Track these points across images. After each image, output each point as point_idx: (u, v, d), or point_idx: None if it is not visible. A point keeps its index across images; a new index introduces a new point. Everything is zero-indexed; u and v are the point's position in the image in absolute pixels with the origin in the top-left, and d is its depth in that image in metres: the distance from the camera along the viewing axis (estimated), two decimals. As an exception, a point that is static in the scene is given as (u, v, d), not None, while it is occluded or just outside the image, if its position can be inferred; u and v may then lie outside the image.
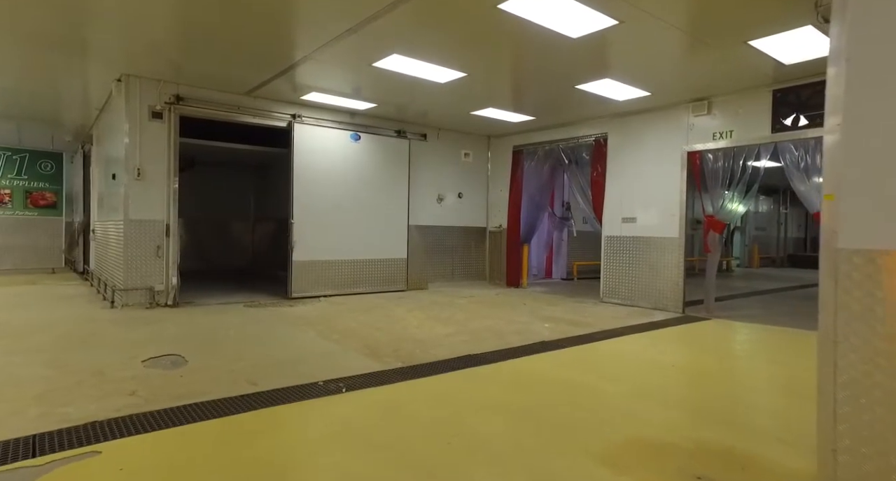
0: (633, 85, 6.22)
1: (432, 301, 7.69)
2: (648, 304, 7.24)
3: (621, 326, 5.90)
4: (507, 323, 5.98)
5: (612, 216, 7.82)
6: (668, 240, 7.05)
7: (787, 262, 18.16)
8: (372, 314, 6.44)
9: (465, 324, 5.82)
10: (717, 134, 6.58)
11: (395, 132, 8.79)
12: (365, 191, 8.41)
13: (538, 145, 9.17)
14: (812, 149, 5.80)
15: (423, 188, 9.25)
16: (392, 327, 5.61)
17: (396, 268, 8.82)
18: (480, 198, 10.20)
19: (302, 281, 7.71)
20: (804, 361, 4.42)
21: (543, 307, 7.30)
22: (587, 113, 7.84)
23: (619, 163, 7.73)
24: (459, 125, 9.20)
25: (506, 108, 7.77)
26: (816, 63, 5.43)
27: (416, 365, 4.05)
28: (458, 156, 9.83)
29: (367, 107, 7.78)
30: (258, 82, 6.52)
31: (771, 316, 6.87)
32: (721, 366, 4.22)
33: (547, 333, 5.44)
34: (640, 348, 4.83)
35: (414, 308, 6.97)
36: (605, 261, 7.88)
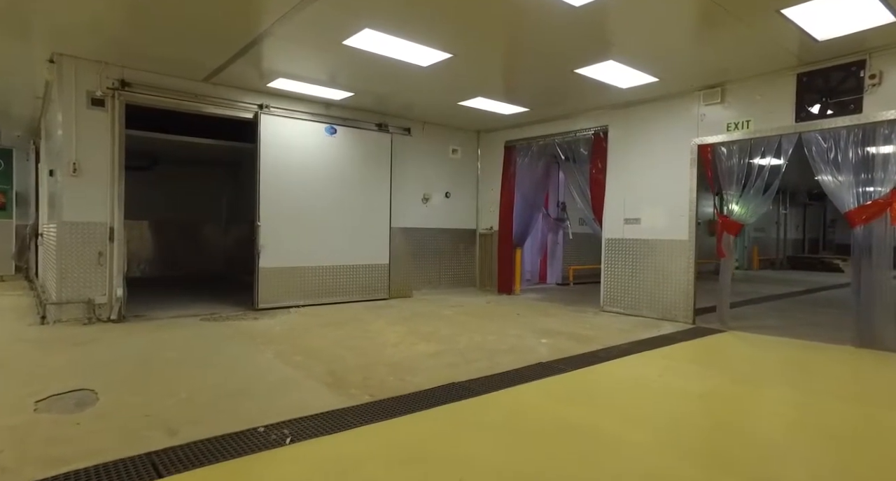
0: (639, 68, 5.51)
1: (416, 311, 6.93)
2: (655, 314, 6.53)
3: (628, 341, 5.18)
4: (498, 338, 5.24)
5: (613, 217, 7.12)
6: (676, 243, 6.35)
7: (787, 264, 17.61)
8: (346, 328, 5.67)
9: (450, 341, 5.07)
10: (731, 124, 5.89)
11: (375, 125, 8.04)
12: (342, 190, 7.64)
13: (532, 140, 8.45)
14: (844, 140, 5.14)
15: (408, 187, 8.50)
16: (366, 346, 4.85)
17: (377, 274, 8.05)
18: (470, 198, 9.46)
19: (270, 290, 6.92)
20: (854, 388, 3.71)
21: (539, 318, 6.56)
22: (586, 103, 7.13)
23: (622, 158, 7.03)
24: (447, 118, 8.46)
25: (497, 98, 7.04)
26: (852, 39, 4.76)
27: (387, 400, 3.29)
28: (445, 152, 9.09)
29: (344, 96, 7.01)
30: (216, 65, 5.73)
31: (790, 326, 6.20)
32: (759, 398, 3.50)
33: (545, 351, 4.71)
34: (654, 372, 4.11)
35: (394, 320, 6.21)
36: (605, 267, 7.17)
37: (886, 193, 4.97)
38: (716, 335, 5.59)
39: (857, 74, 5.11)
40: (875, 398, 3.53)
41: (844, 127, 5.18)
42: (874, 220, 5.06)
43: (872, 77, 5.01)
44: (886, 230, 5.01)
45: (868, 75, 5.03)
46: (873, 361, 4.57)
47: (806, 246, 20.75)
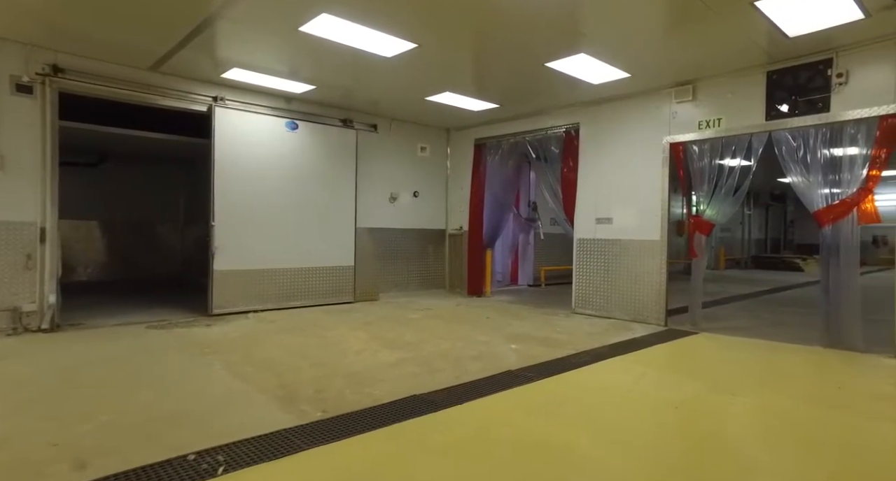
0: (612, 63, 5.35)
1: (381, 315, 6.62)
2: (627, 316, 6.40)
3: (600, 345, 5.00)
4: (466, 344, 4.98)
5: (584, 216, 6.96)
6: (648, 243, 6.23)
7: (751, 264, 17.98)
8: (305, 335, 5.32)
9: (415, 348, 4.78)
10: (703, 123, 5.80)
11: (340, 121, 7.68)
12: (305, 188, 7.26)
13: (502, 138, 8.25)
14: (813, 140, 5.09)
15: (374, 185, 8.17)
16: (325, 354, 4.51)
17: (342, 276, 7.69)
18: (439, 198, 9.19)
19: (226, 294, 6.49)
20: (834, 394, 3.60)
21: (509, 321, 6.34)
22: (557, 100, 6.96)
23: (593, 157, 6.88)
24: (415, 115, 8.17)
25: (466, 93, 6.79)
26: (820, 37, 4.70)
27: (342, 417, 2.99)
28: (413, 150, 8.80)
29: (306, 90, 6.64)
30: (163, 52, 5.30)
31: (759, 327, 6.15)
32: (738, 407, 3.33)
33: (514, 358, 4.47)
34: (629, 379, 3.91)
35: (358, 325, 5.89)
36: (577, 268, 7.01)
37: (853, 193, 4.94)
38: (688, 337, 5.47)
39: (825, 73, 5.06)
40: (856, 405, 3.42)
41: (813, 126, 5.13)
42: (841, 220, 5.02)
43: (839, 76, 4.97)
44: (853, 230, 4.97)
45: (835, 73, 4.99)
46: (844, 363, 4.50)
47: (768, 245, 21.29)
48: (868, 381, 3.95)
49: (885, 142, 4.80)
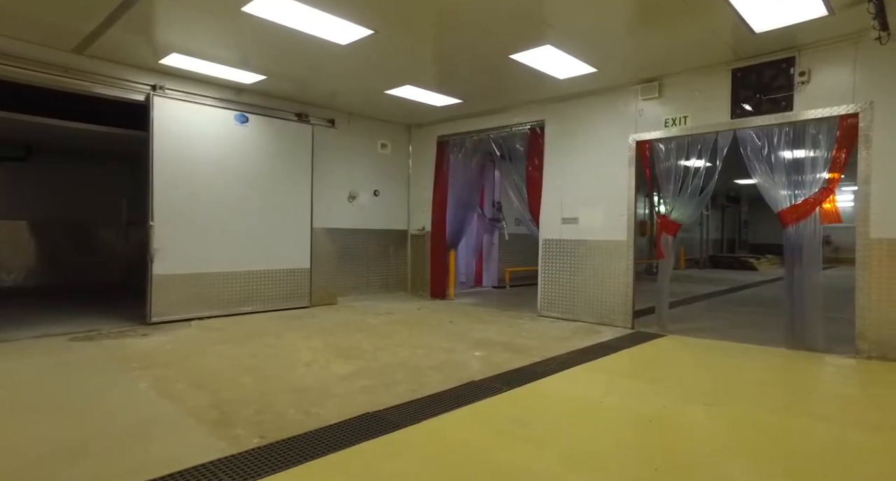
0: (578, 56, 5.15)
1: (338, 321, 6.23)
2: (593, 318, 6.23)
3: (567, 351, 4.78)
4: (427, 352, 4.67)
5: (550, 216, 6.77)
6: (614, 243, 6.08)
7: (709, 263, 18.39)
8: (251, 344, 4.89)
9: (372, 358, 4.44)
10: (669, 120, 5.68)
11: (295, 115, 7.24)
12: (256, 186, 6.79)
13: (466, 135, 7.98)
14: (777, 139, 5.04)
15: (332, 184, 7.76)
16: (272, 366, 4.11)
17: (297, 279, 7.25)
18: (400, 197, 8.85)
19: (167, 300, 5.96)
20: (811, 401, 3.47)
21: (473, 325, 6.07)
22: (522, 96, 6.74)
23: (558, 155, 6.69)
24: (374, 110, 7.81)
25: (428, 87, 6.48)
26: (784, 34, 4.64)
27: (283, 442, 2.63)
28: (373, 147, 8.43)
29: (256, 80, 6.19)
30: (88, 30, 4.75)
31: (723, 327, 6.09)
32: (714, 419, 3.15)
33: (478, 367, 4.19)
34: (598, 389, 3.69)
35: (312, 332, 5.49)
36: (542, 269, 6.81)
37: (815, 193, 4.91)
38: (656, 340, 5.33)
39: (788, 72, 5.02)
40: (830, 413, 3.29)
41: (776, 125, 5.08)
42: (804, 220, 4.98)
43: (802, 74, 4.93)
44: (815, 230, 4.94)
45: (798, 72, 4.95)
46: (809, 364, 4.44)
47: (724, 245, 21.90)
48: (836, 384, 3.86)
49: (845, 142, 4.78)
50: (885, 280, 4.52)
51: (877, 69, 4.60)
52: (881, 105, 4.58)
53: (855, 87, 4.71)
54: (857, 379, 3.98)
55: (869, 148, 4.64)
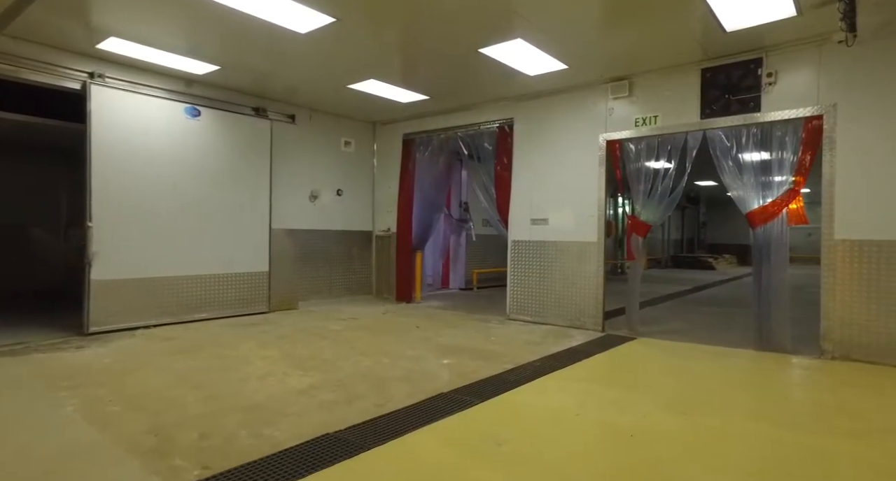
0: (549, 52, 4.99)
1: (298, 328, 5.88)
2: (564, 322, 6.10)
3: (539, 357, 4.61)
4: (392, 360, 4.41)
5: (519, 217, 6.60)
6: (585, 244, 5.97)
7: (671, 263, 18.78)
8: (202, 356, 4.50)
9: (332, 368, 4.14)
10: (639, 120, 5.61)
11: (252, 110, 6.83)
12: (209, 184, 6.35)
13: (433, 133, 7.74)
14: (745, 140, 5.02)
15: (292, 183, 7.38)
16: (222, 381, 3.76)
17: (255, 283, 6.84)
18: (365, 197, 8.53)
19: (108, 308, 5.47)
20: (793, 409, 3.39)
21: (441, 330, 5.84)
22: (491, 93, 6.55)
23: (528, 154, 6.54)
24: (337, 105, 7.47)
25: (393, 82, 6.21)
26: (753, 35, 4.61)
27: (228, 473, 2.32)
28: (336, 144, 8.08)
29: (208, 70, 5.77)
30: (3, 7, 4.26)
31: (693, 329, 6.07)
32: (696, 430, 3.01)
33: (446, 377, 3.96)
34: (574, 399, 3.52)
35: (268, 341, 5.13)
36: (511, 271, 6.64)
37: (782, 195, 4.91)
38: (627, 344, 5.23)
39: (756, 72, 5.01)
40: (812, 421, 3.22)
41: (744, 125, 5.06)
42: (772, 221, 4.98)
43: (769, 75, 4.92)
44: (783, 231, 4.94)
45: (765, 73, 4.95)
46: (778, 367, 4.42)
47: (684, 245, 22.47)
48: (808, 389, 3.83)
49: (810, 144, 4.79)
50: (849, 280, 4.55)
51: (840, 72, 4.62)
52: (844, 107, 4.61)
53: (819, 90, 4.73)
54: (826, 382, 3.95)
55: (833, 150, 4.66)
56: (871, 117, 4.48)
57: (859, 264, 4.52)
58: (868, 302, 4.46)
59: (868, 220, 4.49)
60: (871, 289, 4.45)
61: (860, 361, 4.45)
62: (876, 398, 3.53)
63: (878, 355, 4.42)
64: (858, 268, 4.52)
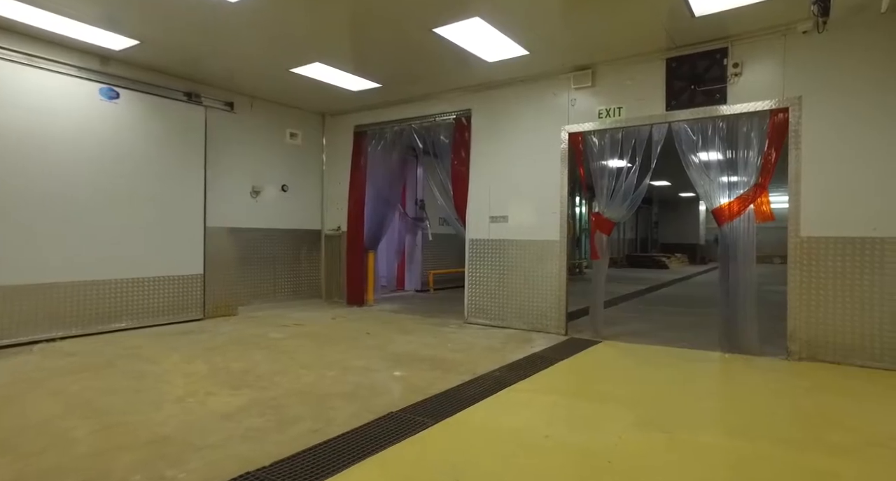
0: (509, 34, 4.62)
1: (234, 337, 5.27)
2: (525, 325, 5.76)
3: (500, 366, 4.22)
4: (338, 374, 3.91)
5: (477, 215, 6.22)
6: (547, 243, 5.65)
7: (626, 262, 18.99)
8: (108, 375, 3.85)
9: (268, 385, 3.60)
10: (603, 111, 5.33)
11: (183, 95, 6.14)
12: (129, 176, 5.63)
13: (386, 125, 7.25)
14: (712, 133, 4.82)
15: (231, 177, 6.72)
16: (127, 406, 3.16)
17: (186, 288, 6.15)
18: (313, 193, 7.94)
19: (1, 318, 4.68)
20: (775, 422, 3.13)
21: (394, 337, 5.37)
22: (447, 82, 6.14)
23: (486, 148, 6.16)
24: (281, 93, 6.86)
25: (341, 67, 5.69)
26: (721, 21, 4.40)
27: (106, 539, 1.78)
28: (281, 135, 7.46)
29: (127, 46, 5.07)
30: None
31: (656, 331, 5.87)
32: (680, 451, 2.68)
33: (399, 392, 3.50)
34: (541, 416, 3.14)
35: (196, 354, 4.51)
36: (469, 272, 6.24)
37: (749, 191, 4.74)
38: (592, 348, 4.93)
39: (721, 63, 4.82)
40: (797, 434, 2.96)
41: (710, 118, 4.86)
42: (738, 218, 4.80)
43: (735, 66, 4.75)
44: (750, 228, 4.77)
45: (731, 64, 4.76)
46: (750, 371, 4.23)
47: (638, 245, 22.87)
48: (785, 395, 3.60)
49: (776, 138, 4.64)
50: (815, 279, 4.41)
51: (804, 64, 4.49)
52: (809, 100, 4.47)
53: (784, 82, 4.58)
54: (801, 386, 3.75)
55: (798, 144, 4.52)
56: (836, 110, 4.36)
57: (825, 262, 4.39)
58: (834, 300, 4.33)
59: (834, 217, 4.36)
60: (836, 287, 4.32)
61: (826, 362, 4.32)
62: (854, 403, 3.34)
63: (843, 355, 4.30)
64: (825, 266, 4.39)
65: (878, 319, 4.18)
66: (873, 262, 4.22)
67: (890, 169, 4.17)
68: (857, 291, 4.25)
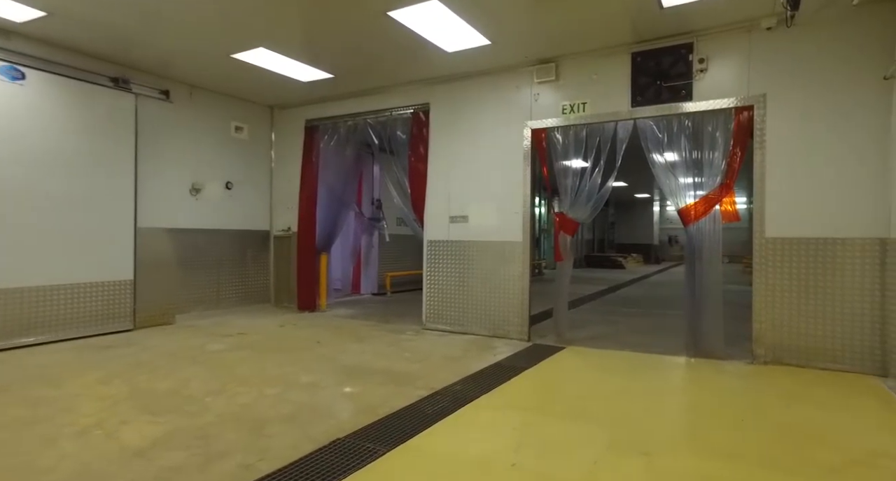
0: (469, 21, 4.32)
1: (166, 350, 4.72)
2: (486, 331, 5.46)
3: (461, 377, 3.90)
4: (280, 392, 3.48)
5: (436, 214, 5.89)
6: (509, 244, 5.37)
7: (585, 263, 19.14)
8: (2, 401, 3.27)
9: (197, 408, 3.13)
10: (566, 107, 5.11)
11: (110, 80, 5.51)
12: (39, 169, 4.98)
13: (339, 119, 6.81)
14: (677, 131, 4.67)
15: (167, 173, 6.11)
16: (9, 444, 2.63)
17: (113, 295, 5.52)
18: (261, 191, 7.40)
19: None
20: (745, 435, 2.93)
21: (347, 346, 4.96)
22: (404, 73, 5.78)
23: (446, 144, 5.84)
24: (225, 82, 6.31)
25: (288, 53, 5.23)
26: (687, 14, 4.25)
27: None
28: (225, 129, 6.89)
29: (32, 17, 4.44)
30: None
31: (620, 334, 5.71)
32: (665, 478, 2.43)
33: (347, 413, 3.11)
34: (506, 438, 2.84)
35: (118, 371, 3.97)
36: (428, 275, 5.90)
37: (714, 190, 4.61)
38: (557, 355, 4.68)
39: (687, 58, 4.68)
40: (783, 453, 2.77)
41: (676, 115, 4.72)
42: (704, 218, 4.67)
43: (701, 61, 4.62)
44: (716, 229, 4.65)
45: (696, 59, 4.63)
46: (719, 377, 4.08)
47: (595, 245, 23.18)
48: (761, 406, 3.42)
49: (741, 136, 4.53)
50: (780, 280, 4.32)
51: (769, 60, 4.39)
52: (774, 98, 4.37)
53: (749, 79, 4.47)
54: (773, 394, 3.60)
55: (763, 143, 4.42)
56: (800, 108, 4.28)
57: (790, 263, 4.30)
58: (798, 302, 4.25)
59: (799, 218, 4.27)
60: (801, 289, 4.24)
61: (791, 365, 4.23)
62: (829, 415, 3.19)
63: (807, 358, 4.22)
64: (789, 268, 4.30)
65: (839, 321, 4.12)
66: (835, 263, 4.16)
67: (851, 168, 4.11)
68: (821, 293, 4.18)
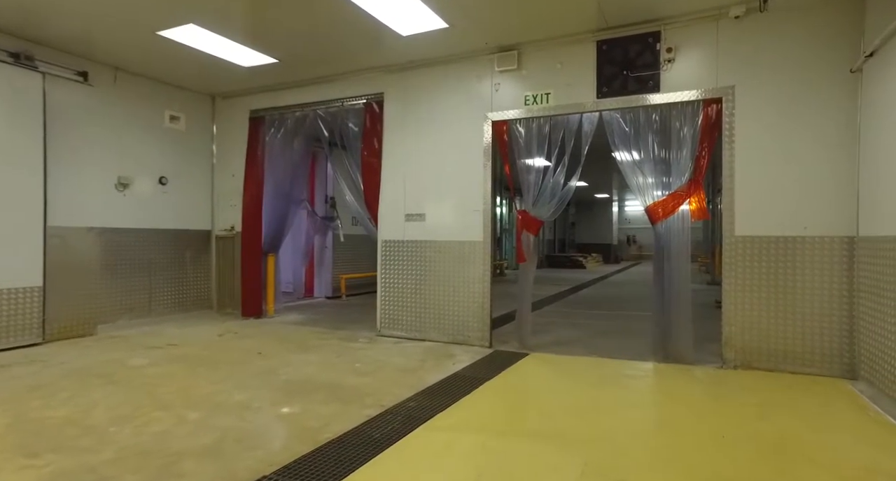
0: (427, 1, 3.92)
1: (77, 367, 4.10)
2: (445, 337, 5.09)
3: (415, 392, 3.50)
4: (203, 416, 2.98)
5: (391, 212, 5.47)
6: (469, 244, 5.02)
7: (546, 263, 19.09)
8: None
9: (95, 442, 2.60)
10: (529, 97, 4.79)
11: (9, 55, 4.82)
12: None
13: (286, 110, 6.28)
14: (644, 124, 4.43)
15: (87, 165, 5.45)
16: None
17: (17, 304, 4.83)
18: (201, 187, 6.77)
19: None
20: (718, 451, 2.65)
21: (291, 356, 4.47)
22: (356, 59, 5.33)
23: (401, 137, 5.43)
24: (155, 65, 5.68)
25: (224, 33, 4.69)
26: (654, 1, 4.00)
27: None
28: (157, 118, 6.24)
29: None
30: None
31: (586, 338, 5.43)
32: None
33: (280, 441, 2.66)
34: (465, 468, 2.47)
35: (5, 396, 3.35)
36: (382, 278, 5.48)
37: (683, 186, 4.40)
38: (520, 363, 4.35)
39: (654, 47, 4.45)
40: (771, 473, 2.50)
41: (643, 107, 4.48)
42: (672, 216, 4.45)
43: (669, 51, 4.39)
44: (684, 227, 4.44)
45: (664, 49, 4.40)
46: (690, 383, 3.85)
47: (556, 245, 23.25)
48: (738, 417, 3.18)
49: (710, 129, 4.34)
50: (749, 280, 4.14)
51: (738, 51, 4.21)
52: (743, 91, 4.20)
53: (717, 70, 4.28)
54: (750, 403, 3.35)
55: (732, 137, 4.23)
56: (770, 101, 4.11)
57: (759, 263, 4.13)
58: (768, 304, 4.08)
59: (770, 215, 4.10)
60: (770, 289, 4.07)
61: (760, 369, 4.06)
62: (808, 426, 2.97)
63: (776, 361, 4.05)
64: (759, 268, 4.12)
65: (808, 324, 3.97)
66: (804, 262, 4.01)
67: (819, 164, 3.97)
68: (790, 293, 4.02)
